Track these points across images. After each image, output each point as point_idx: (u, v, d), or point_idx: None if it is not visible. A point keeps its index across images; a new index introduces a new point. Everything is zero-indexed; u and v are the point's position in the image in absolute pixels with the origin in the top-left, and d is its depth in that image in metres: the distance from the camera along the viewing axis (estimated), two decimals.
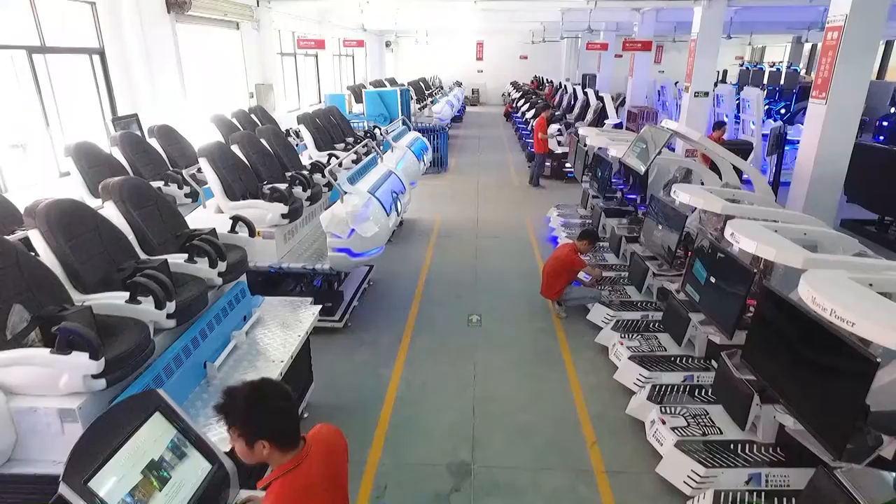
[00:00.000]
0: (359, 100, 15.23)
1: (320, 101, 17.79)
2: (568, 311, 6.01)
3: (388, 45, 29.85)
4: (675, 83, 16.72)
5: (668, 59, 26.76)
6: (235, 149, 5.67)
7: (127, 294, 2.95)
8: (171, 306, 3.07)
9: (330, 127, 8.73)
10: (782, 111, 18.62)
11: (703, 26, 12.02)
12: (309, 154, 8.03)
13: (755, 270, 3.45)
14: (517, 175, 13.34)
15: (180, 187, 5.69)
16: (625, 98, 18.84)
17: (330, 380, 4.84)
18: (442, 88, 24.77)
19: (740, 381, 3.50)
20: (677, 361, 4.60)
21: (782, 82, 21.01)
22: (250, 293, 4.16)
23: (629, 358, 4.65)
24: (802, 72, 24.51)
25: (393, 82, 21.44)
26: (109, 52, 7.75)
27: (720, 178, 6.13)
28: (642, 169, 5.29)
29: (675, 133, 5.29)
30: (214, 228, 3.99)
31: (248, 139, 5.80)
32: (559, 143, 12.92)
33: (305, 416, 4.32)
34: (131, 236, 3.62)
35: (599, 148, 7.98)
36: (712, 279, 3.69)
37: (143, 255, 3.63)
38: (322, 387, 4.63)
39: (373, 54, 26.64)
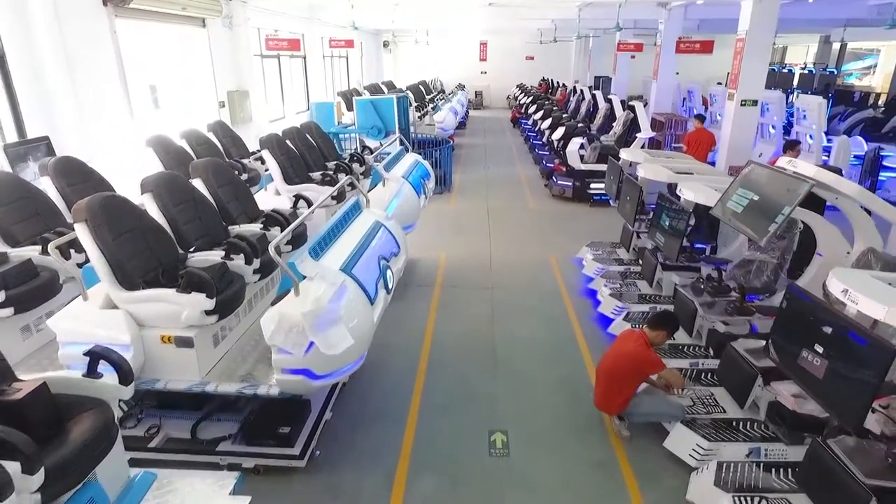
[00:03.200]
0: (351, 107, 13.33)
1: (308, 109, 15.94)
2: (631, 428, 4.19)
3: (385, 45, 27.98)
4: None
5: (682, 59, 24.82)
6: (148, 200, 3.84)
7: None
8: None
9: (306, 150, 6.89)
10: None
11: (754, 23, 10.19)
12: (276, 187, 6.21)
13: None
14: (532, 195, 11.50)
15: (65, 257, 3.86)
16: (646, 103, 17.02)
17: None
18: (444, 92, 22.93)
19: None
20: None
21: (815, 85, 19.25)
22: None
23: None
24: None
25: (391, 86, 19.56)
26: (12, 56, 5.92)
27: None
28: (762, 242, 3.43)
29: (817, 184, 3.45)
30: (44, 383, 2.18)
31: (168, 185, 3.93)
32: (582, 158, 11.11)
33: None
34: None
35: (651, 181, 6.15)
36: None
37: None
38: None
39: (369, 55, 24.75)
